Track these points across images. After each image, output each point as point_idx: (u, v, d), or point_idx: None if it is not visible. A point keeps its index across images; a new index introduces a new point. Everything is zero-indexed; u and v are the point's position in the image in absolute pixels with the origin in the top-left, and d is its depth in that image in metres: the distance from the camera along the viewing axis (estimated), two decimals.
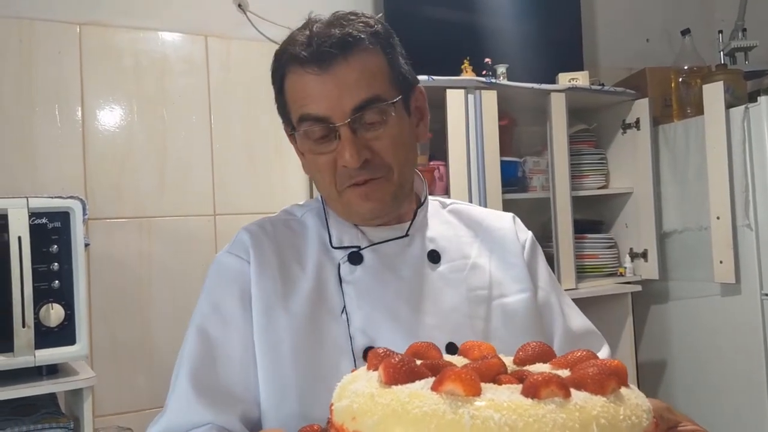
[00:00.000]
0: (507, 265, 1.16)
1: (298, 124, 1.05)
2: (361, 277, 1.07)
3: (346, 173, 1.04)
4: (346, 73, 1.01)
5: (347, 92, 1.01)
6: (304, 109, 1.03)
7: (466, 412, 0.56)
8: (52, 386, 1.77)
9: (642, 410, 0.60)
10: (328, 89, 1.01)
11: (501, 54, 2.63)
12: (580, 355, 0.67)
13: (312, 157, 1.06)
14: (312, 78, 1.02)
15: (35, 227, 1.76)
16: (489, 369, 0.63)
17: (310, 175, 1.14)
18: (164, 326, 2.37)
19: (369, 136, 1.03)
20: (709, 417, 2.68)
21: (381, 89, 1.04)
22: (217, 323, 1.06)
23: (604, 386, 0.59)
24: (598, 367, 0.60)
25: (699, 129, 2.63)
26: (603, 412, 0.57)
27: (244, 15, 2.57)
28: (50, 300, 1.77)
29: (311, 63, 1.01)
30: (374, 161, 1.04)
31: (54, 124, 2.27)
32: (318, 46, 1.01)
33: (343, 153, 1.01)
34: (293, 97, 1.05)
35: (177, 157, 2.45)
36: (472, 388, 0.57)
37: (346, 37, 1.02)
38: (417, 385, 0.62)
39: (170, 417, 1.02)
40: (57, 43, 2.28)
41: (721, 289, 2.60)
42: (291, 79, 1.05)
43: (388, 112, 1.04)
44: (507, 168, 2.51)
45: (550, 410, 0.55)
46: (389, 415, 0.59)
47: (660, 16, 3.39)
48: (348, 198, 1.06)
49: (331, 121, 1.01)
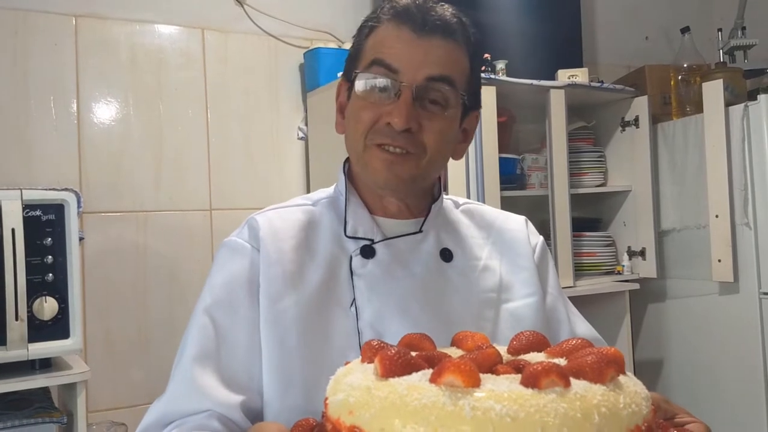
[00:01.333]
0: (517, 268, 1.15)
1: (366, 67, 1.04)
2: (372, 270, 1.06)
3: (384, 131, 1.03)
4: (438, 47, 1.03)
5: (429, 62, 1.02)
6: (381, 55, 1.03)
7: (467, 404, 0.55)
8: (45, 380, 1.75)
9: (641, 398, 0.60)
10: (414, 51, 1.02)
11: (500, 50, 2.62)
12: (575, 343, 0.67)
13: (358, 104, 1.05)
14: (406, 35, 1.03)
15: (29, 219, 1.74)
16: (486, 359, 0.62)
17: (343, 132, 1.13)
18: (159, 321, 2.35)
19: (423, 112, 1.03)
20: (707, 415, 2.65)
21: (457, 77, 1.05)
22: (224, 310, 1.05)
23: (603, 374, 0.59)
24: (596, 355, 0.60)
25: (698, 127, 2.62)
26: (604, 400, 0.57)
27: (241, 8, 2.55)
28: (44, 293, 1.75)
29: (413, 23, 1.03)
30: (416, 136, 1.03)
31: (49, 116, 2.25)
32: (426, 12, 1.03)
33: (393, 112, 1.01)
34: (376, 42, 1.06)
35: (173, 150, 2.43)
36: (472, 379, 0.56)
37: (453, 22, 1.05)
38: (414, 377, 0.60)
39: (169, 401, 1.01)
40: (52, 35, 2.26)
41: (719, 287, 2.60)
42: (382, 29, 1.06)
43: (450, 102, 1.05)
44: (505, 165, 2.49)
45: (551, 400, 0.55)
46: (387, 408, 0.58)
47: (660, 14, 3.38)
48: (370, 157, 1.05)
49: (400, 77, 1.01)
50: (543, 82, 2.55)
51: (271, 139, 2.58)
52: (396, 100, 1.01)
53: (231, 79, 2.53)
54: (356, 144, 1.06)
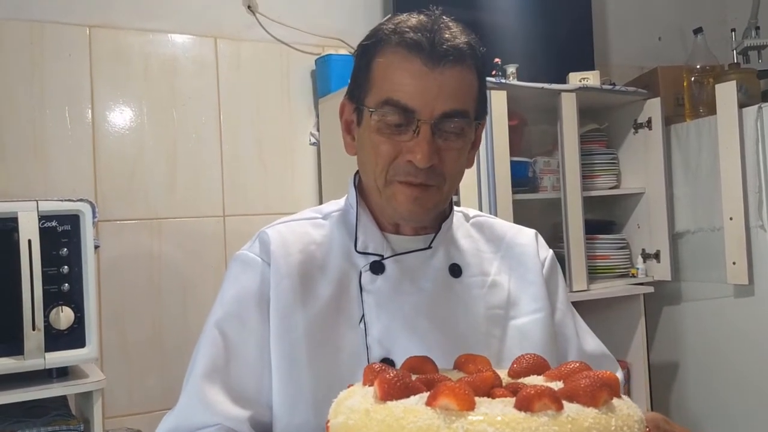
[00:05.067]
0: (526, 282, 1.16)
1: (379, 104, 1.03)
2: (381, 287, 1.07)
3: (405, 169, 1.03)
4: (451, 78, 1.02)
5: (444, 96, 1.01)
6: (394, 94, 1.02)
7: (460, 427, 0.56)
8: (62, 389, 1.77)
9: (634, 420, 0.61)
10: (429, 86, 1.01)
11: (511, 54, 2.61)
12: (574, 367, 0.67)
13: (376, 139, 1.04)
14: (418, 68, 1.01)
15: (45, 230, 1.76)
16: (483, 382, 0.63)
17: (355, 154, 1.13)
18: (175, 328, 2.38)
19: (442, 144, 1.03)
20: (722, 419, 2.66)
21: (470, 106, 1.05)
22: (234, 324, 1.06)
23: (595, 398, 0.60)
24: (590, 378, 0.61)
25: (712, 129, 2.60)
26: (595, 423, 0.58)
27: (253, 16, 2.57)
28: (60, 303, 1.77)
29: (424, 55, 1.01)
30: (436, 168, 1.03)
31: (64, 125, 2.28)
32: (437, 42, 1.01)
33: (415, 149, 1.01)
34: (386, 75, 1.04)
35: (187, 158, 2.45)
36: (466, 403, 0.57)
37: (464, 47, 1.04)
38: (412, 400, 0.62)
39: (179, 415, 1.03)
40: (67, 45, 2.29)
41: (734, 290, 2.58)
42: (391, 58, 1.04)
43: (466, 129, 1.05)
44: (517, 168, 2.49)
45: (542, 423, 0.56)
46: (384, 431, 0.59)
47: (672, 15, 3.36)
48: (393, 192, 1.05)
49: (417, 115, 1.01)
50: (554, 85, 2.55)
51: (283, 145, 2.60)
52: (415, 136, 1.01)
53: (243, 86, 2.55)
54: (377, 178, 1.06)
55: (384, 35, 1.05)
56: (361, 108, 1.08)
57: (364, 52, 1.09)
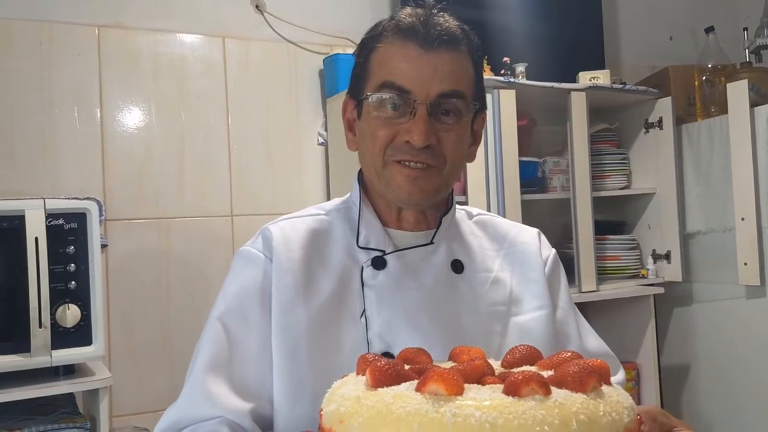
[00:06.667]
0: (527, 280, 1.16)
1: (377, 88, 1.05)
2: (383, 282, 1.08)
3: (403, 149, 1.04)
4: (445, 61, 1.04)
5: (439, 77, 1.03)
6: (390, 77, 1.04)
7: (448, 410, 0.57)
8: (68, 386, 1.78)
9: (623, 407, 0.61)
10: (423, 68, 1.03)
11: (520, 52, 2.61)
12: (566, 356, 0.67)
13: (373, 124, 1.06)
14: (413, 52, 1.04)
15: (52, 228, 1.77)
16: (474, 371, 0.63)
17: (356, 149, 1.14)
18: (182, 326, 2.38)
19: (439, 126, 1.04)
20: (733, 421, 2.63)
21: (467, 89, 1.07)
22: (236, 319, 1.07)
23: (584, 384, 0.60)
24: (579, 365, 0.61)
25: (723, 128, 2.58)
26: (582, 408, 0.58)
27: (261, 16, 2.58)
28: (67, 300, 1.78)
29: (418, 39, 1.04)
30: (435, 149, 1.04)
31: (73, 125, 2.30)
32: (430, 27, 1.04)
33: (412, 130, 1.02)
34: (382, 62, 1.06)
35: (195, 157, 2.46)
36: (455, 388, 0.58)
37: (457, 32, 1.06)
38: (402, 386, 0.63)
39: (181, 408, 1.04)
40: (76, 45, 2.31)
41: (745, 291, 2.56)
42: (387, 47, 1.07)
43: (463, 112, 1.07)
44: (526, 168, 2.48)
45: (530, 407, 0.56)
46: (374, 416, 0.60)
47: (683, 13, 3.34)
48: (392, 173, 1.06)
49: (413, 96, 1.03)
50: (564, 84, 2.54)
51: (291, 145, 2.61)
52: (411, 117, 1.03)
53: (251, 86, 2.56)
54: (375, 161, 1.07)
55: (381, 29, 1.09)
56: (360, 101, 1.09)
57: (362, 47, 1.12)
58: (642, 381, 2.69)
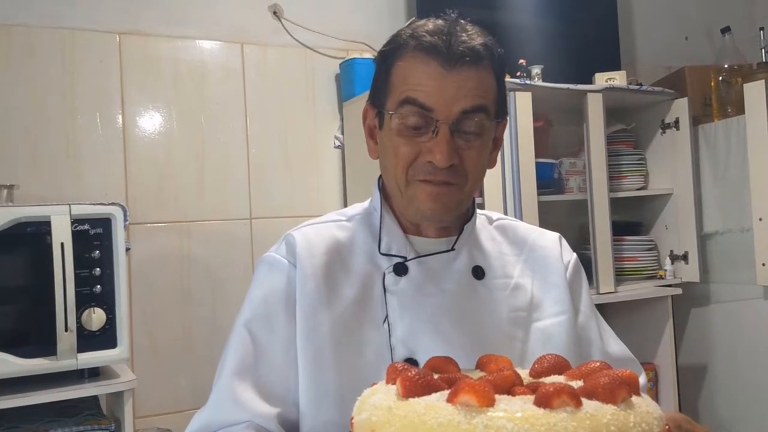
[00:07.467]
0: (549, 285, 1.16)
1: (398, 105, 1.05)
2: (404, 288, 1.08)
3: (426, 168, 1.04)
4: (468, 78, 1.03)
5: (462, 95, 1.02)
6: (412, 93, 1.03)
7: (480, 422, 0.57)
8: (93, 389, 1.81)
9: (653, 418, 0.61)
10: (446, 86, 1.02)
11: (536, 54, 2.61)
12: (594, 366, 0.68)
13: (395, 140, 1.06)
14: (435, 70, 1.02)
15: (78, 233, 1.80)
16: (504, 381, 0.64)
17: (378, 158, 1.14)
18: (204, 328, 2.41)
19: (462, 143, 1.04)
20: (751, 422, 2.62)
21: (489, 104, 1.06)
22: (262, 325, 1.08)
23: (614, 395, 0.60)
24: (610, 376, 0.61)
25: (740, 129, 2.58)
26: (613, 419, 0.58)
27: (279, 22, 2.60)
28: (92, 304, 1.81)
29: (441, 58, 1.02)
30: (458, 168, 1.04)
31: (96, 131, 2.33)
32: (453, 44, 1.03)
33: (434, 150, 1.02)
34: (405, 78, 1.05)
35: (215, 162, 2.49)
36: (486, 399, 0.58)
37: (480, 48, 1.04)
38: (433, 397, 0.63)
39: (210, 412, 1.05)
40: (98, 52, 2.34)
41: (763, 291, 2.55)
42: (410, 62, 1.05)
43: (486, 128, 1.06)
44: (542, 169, 2.48)
45: (561, 419, 0.57)
46: (406, 427, 0.61)
47: (699, 14, 3.33)
48: (414, 191, 1.06)
49: (435, 115, 1.02)
50: (580, 86, 2.54)
51: (308, 149, 2.63)
52: (434, 137, 1.02)
53: (269, 90, 2.59)
54: (397, 179, 1.07)
55: (402, 41, 1.07)
56: (382, 112, 1.09)
57: (383, 58, 1.10)
58: (660, 382, 2.69)
